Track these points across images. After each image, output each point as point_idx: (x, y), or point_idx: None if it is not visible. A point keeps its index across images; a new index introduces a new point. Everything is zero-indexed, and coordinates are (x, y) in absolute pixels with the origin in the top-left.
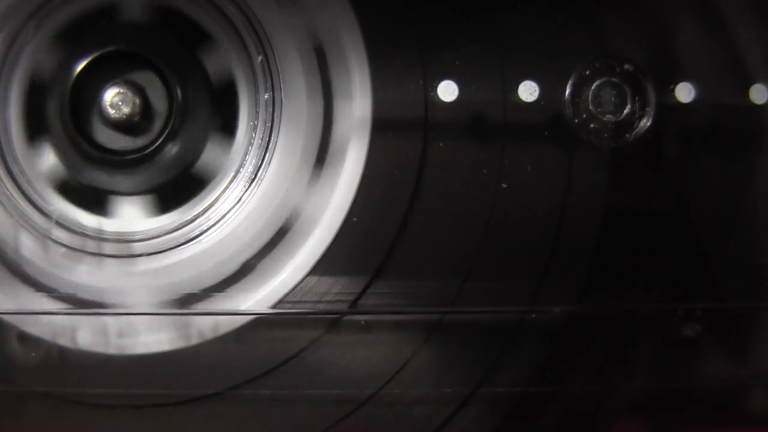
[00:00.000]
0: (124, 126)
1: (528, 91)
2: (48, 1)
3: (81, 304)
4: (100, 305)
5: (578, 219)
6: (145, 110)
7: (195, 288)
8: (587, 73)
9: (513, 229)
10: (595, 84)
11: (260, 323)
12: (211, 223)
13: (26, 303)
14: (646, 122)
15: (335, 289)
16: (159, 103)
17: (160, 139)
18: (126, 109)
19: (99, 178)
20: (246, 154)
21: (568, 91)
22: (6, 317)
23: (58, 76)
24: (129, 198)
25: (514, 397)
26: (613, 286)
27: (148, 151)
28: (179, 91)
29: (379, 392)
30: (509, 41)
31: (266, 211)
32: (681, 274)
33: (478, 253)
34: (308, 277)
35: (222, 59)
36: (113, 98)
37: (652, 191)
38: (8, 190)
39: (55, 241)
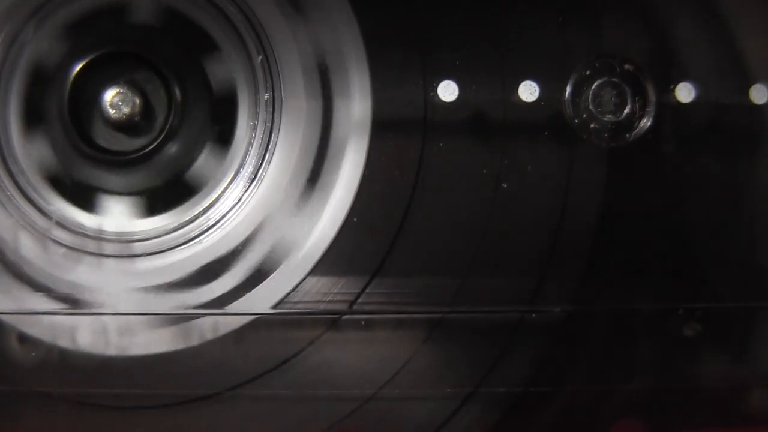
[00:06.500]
0: (124, 126)
1: (528, 91)
2: (48, 1)
3: (81, 304)
4: (100, 305)
5: (578, 219)
6: (145, 110)
7: (195, 288)
8: (587, 73)
9: (513, 228)
10: (595, 84)
11: (260, 323)
12: (211, 223)
13: (26, 303)
14: (646, 122)
15: (335, 289)
16: (159, 103)
17: (160, 139)
18: (126, 109)
19: (99, 177)
20: (246, 154)
21: (568, 91)
22: (6, 317)
23: (58, 76)
24: (129, 198)
25: (514, 396)
26: (613, 286)
27: (147, 150)
28: (179, 91)
29: (379, 392)
30: (509, 41)
31: (266, 211)
32: (681, 274)
33: (478, 252)
34: (308, 277)
35: (222, 59)
36: (113, 98)
37: (652, 191)
38: (8, 190)
39: (55, 241)
